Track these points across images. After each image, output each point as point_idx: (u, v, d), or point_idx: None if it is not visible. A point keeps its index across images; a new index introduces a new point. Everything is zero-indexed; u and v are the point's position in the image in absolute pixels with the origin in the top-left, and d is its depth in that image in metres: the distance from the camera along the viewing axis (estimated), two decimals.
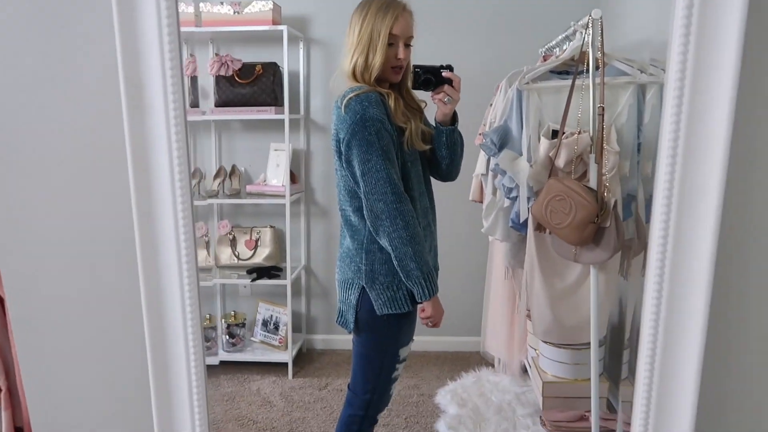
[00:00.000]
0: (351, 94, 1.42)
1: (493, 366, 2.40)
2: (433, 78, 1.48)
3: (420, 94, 1.57)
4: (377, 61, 1.42)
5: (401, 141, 1.46)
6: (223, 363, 2.49)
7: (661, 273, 0.94)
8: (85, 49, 1.09)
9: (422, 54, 1.54)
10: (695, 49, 0.88)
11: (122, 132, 0.98)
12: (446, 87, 1.47)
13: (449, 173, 1.61)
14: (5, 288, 1.22)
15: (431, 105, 1.56)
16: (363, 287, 1.50)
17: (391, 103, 1.45)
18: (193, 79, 2.37)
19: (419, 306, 1.51)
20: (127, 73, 0.91)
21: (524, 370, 2.25)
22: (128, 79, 0.91)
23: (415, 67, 1.49)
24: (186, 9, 2.33)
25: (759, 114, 1.03)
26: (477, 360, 2.47)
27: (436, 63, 1.50)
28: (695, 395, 1.00)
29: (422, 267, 1.43)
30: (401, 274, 1.45)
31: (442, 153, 1.55)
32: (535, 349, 2.03)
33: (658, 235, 0.95)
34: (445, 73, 1.48)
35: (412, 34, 1.48)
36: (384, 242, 1.44)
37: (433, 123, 1.57)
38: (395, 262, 1.44)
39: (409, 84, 1.51)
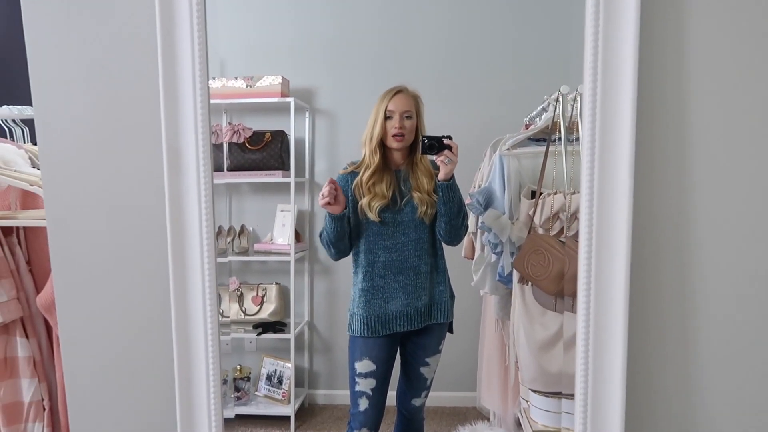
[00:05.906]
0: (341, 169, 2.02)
1: (489, 420, 2.45)
2: (436, 144, 1.83)
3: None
4: (376, 130, 1.89)
5: (356, 209, 1.96)
6: (229, 417, 2.56)
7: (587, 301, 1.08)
8: (137, 122, 1.32)
9: (428, 125, 1.95)
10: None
11: (162, 188, 1.19)
12: (446, 151, 1.83)
13: (449, 234, 1.92)
14: (60, 321, 1.41)
15: None
16: None
17: (362, 180, 1.93)
18: (218, 146, 2.58)
19: None
20: (168, 141, 1.10)
21: (518, 423, 2.30)
22: (169, 146, 1.09)
23: (423, 137, 1.86)
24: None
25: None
26: (474, 415, 2.52)
27: (439, 133, 1.85)
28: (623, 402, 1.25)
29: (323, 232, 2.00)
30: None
31: (441, 209, 1.89)
32: (526, 401, 2.10)
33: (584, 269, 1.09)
34: (446, 141, 1.83)
35: (409, 109, 1.91)
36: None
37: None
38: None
39: (419, 152, 1.89)
